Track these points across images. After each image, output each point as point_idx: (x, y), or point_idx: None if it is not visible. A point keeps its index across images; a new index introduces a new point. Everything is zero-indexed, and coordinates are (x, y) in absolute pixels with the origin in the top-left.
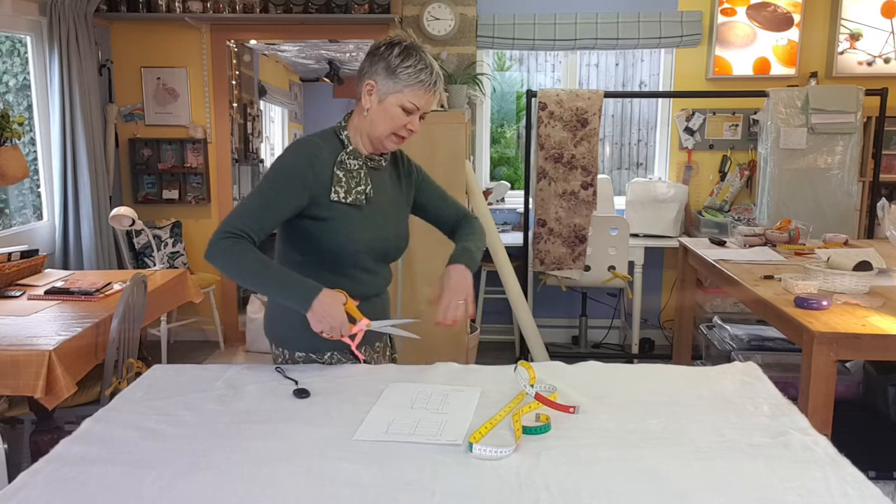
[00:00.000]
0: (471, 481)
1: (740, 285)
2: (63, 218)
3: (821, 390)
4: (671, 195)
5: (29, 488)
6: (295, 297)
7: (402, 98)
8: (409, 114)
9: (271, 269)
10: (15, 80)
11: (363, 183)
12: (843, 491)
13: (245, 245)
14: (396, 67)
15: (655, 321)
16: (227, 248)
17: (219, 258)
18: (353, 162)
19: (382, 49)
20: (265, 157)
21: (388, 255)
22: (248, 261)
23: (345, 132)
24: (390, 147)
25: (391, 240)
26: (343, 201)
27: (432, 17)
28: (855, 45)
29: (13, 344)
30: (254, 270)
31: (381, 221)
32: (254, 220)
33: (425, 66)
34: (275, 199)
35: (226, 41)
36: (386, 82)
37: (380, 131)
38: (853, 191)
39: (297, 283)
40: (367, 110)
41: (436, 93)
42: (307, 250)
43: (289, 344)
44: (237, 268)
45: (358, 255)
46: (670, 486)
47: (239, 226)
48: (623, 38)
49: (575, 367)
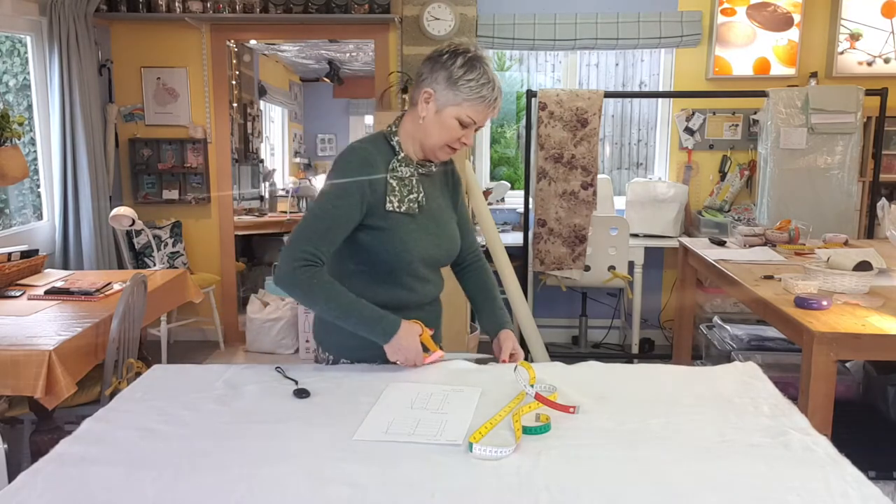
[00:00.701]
0: (471, 481)
1: (740, 285)
2: (63, 218)
3: (821, 390)
4: (671, 195)
5: (29, 488)
6: (375, 331)
7: (461, 111)
8: (465, 127)
9: (350, 302)
10: (15, 80)
11: (415, 191)
12: (843, 491)
13: (322, 276)
14: (458, 79)
15: (655, 321)
16: (305, 280)
17: (297, 289)
18: (404, 169)
19: (446, 57)
20: (265, 157)
21: (440, 262)
22: (327, 294)
23: (396, 138)
24: (441, 157)
25: (444, 246)
26: (397, 210)
27: (432, 17)
28: (855, 45)
29: (13, 344)
30: (334, 305)
31: (433, 228)
32: (323, 242)
33: (488, 80)
34: (339, 216)
35: (226, 41)
36: (446, 93)
37: (433, 141)
38: (853, 191)
39: (377, 319)
40: (422, 118)
41: (495, 109)
42: (361, 260)
43: (334, 349)
44: (315, 300)
45: (412, 263)
46: (670, 486)
47: (311, 251)
48: (623, 38)
49: (575, 367)
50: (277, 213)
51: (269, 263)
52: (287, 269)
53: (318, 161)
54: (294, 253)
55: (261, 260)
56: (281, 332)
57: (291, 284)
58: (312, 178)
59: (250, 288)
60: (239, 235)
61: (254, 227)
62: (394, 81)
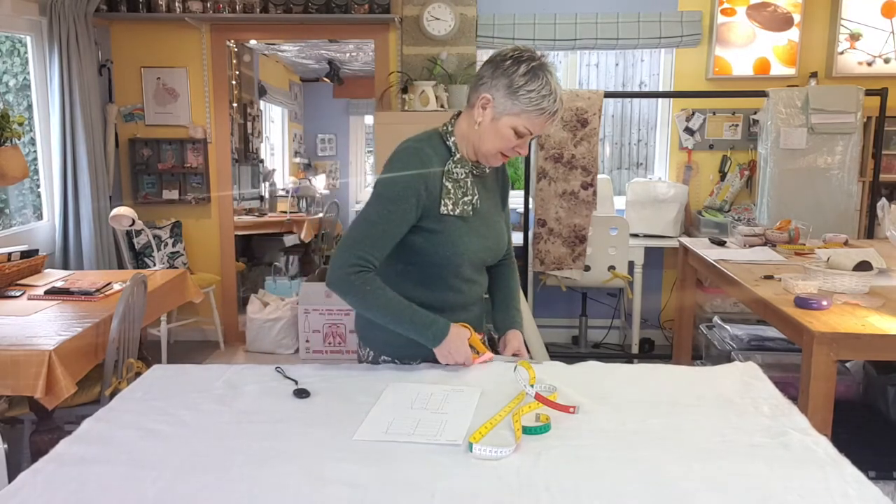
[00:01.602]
0: (471, 481)
1: (740, 285)
2: (63, 218)
3: (821, 390)
4: (671, 195)
5: (29, 488)
6: (426, 336)
7: (518, 121)
8: (521, 137)
9: (402, 308)
10: (15, 80)
11: (470, 193)
12: (843, 491)
13: (375, 282)
14: (519, 89)
15: (655, 321)
16: (358, 285)
17: (349, 294)
18: (460, 171)
19: (508, 63)
20: (265, 157)
21: (486, 263)
22: (379, 301)
23: (452, 138)
24: (493, 163)
25: (492, 248)
26: (451, 213)
27: (432, 17)
28: (855, 45)
29: (13, 344)
30: (385, 310)
31: (484, 230)
32: (376, 247)
33: (549, 91)
34: (394, 221)
35: (226, 41)
36: (504, 101)
37: (486, 148)
38: (853, 191)
39: (427, 323)
40: (477, 123)
41: (554, 120)
42: (410, 261)
43: (376, 346)
44: (367, 304)
45: (461, 266)
46: (670, 486)
47: (365, 256)
48: (623, 38)
49: (575, 367)
50: (277, 213)
51: (269, 263)
52: (341, 274)
53: (318, 161)
54: (348, 258)
55: (261, 260)
56: (281, 332)
57: (344, 289)
58: (312, 178)
59: (250, 288)
60: (239, 235)
61: (254, 227)
62: (394, 81)
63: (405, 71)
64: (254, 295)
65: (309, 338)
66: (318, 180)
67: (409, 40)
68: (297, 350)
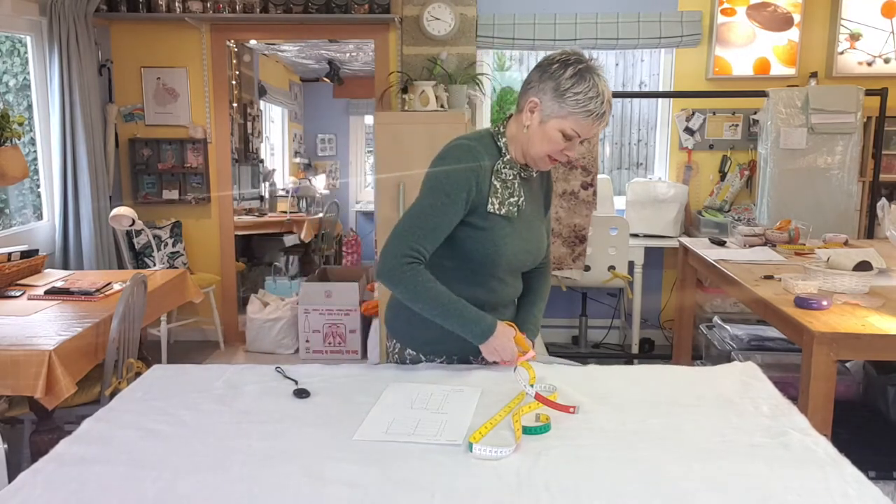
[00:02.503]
0: (471, 481)
1: (740, 285)
2: (63, 218)
3: (821, 390)
4: (671, 195)
5: (29, 488)
6: (473, 332)
7: (565, 124)
8: (569, 139)
9: (452, 302)
10: (15, 80)
11: (516, 194)
12: (843, 491)
13: (426, 275)
14: (566, 91)
15: (655, 321)
16: (409, 278)
17: (399, 284)
18: (508, 172)
19: (555, 67)
20: (265, 157)
21: (523, 267)
22: (429, 293)
23: (503, 139)
24: (541, 167)
25: (532, 252)
26: (497, 213)
27: (432, 17)
28: (855, 45)
29: (13, 344)
30: (435, 304)
31: (525, 234)
32: (428, 239)
33: (597, 93)
34: (446, 214)
35: (226, 41)
36: (551, 104)
37: (535, 151)
38: (853, 191)
39: (475, 319)
40: (526, 126)
41: (602, 123)
42: (449, 255)
43: (404, 339)
44: (417, 297)
45: (499, 267)
46: (670, 486)
47: (417, 248)
48: (623, 38)
49: (575, 367)
50: (277, 213)
51: (269, 263)
52: (392, 265)
53: (318, 161)
54: (400, 248)
55: (261, 260)
56: (281, 332)
57: (395, 280)
58: (312, 178)
59: (250, 288)
60: (239, 235)
61: (254, 227)
62: (394, 81)
63: (405, 71)
64: (254, 295)
65: (309, 338)
66: (318, 180)
67: (409, 40)
68: (297, 350)
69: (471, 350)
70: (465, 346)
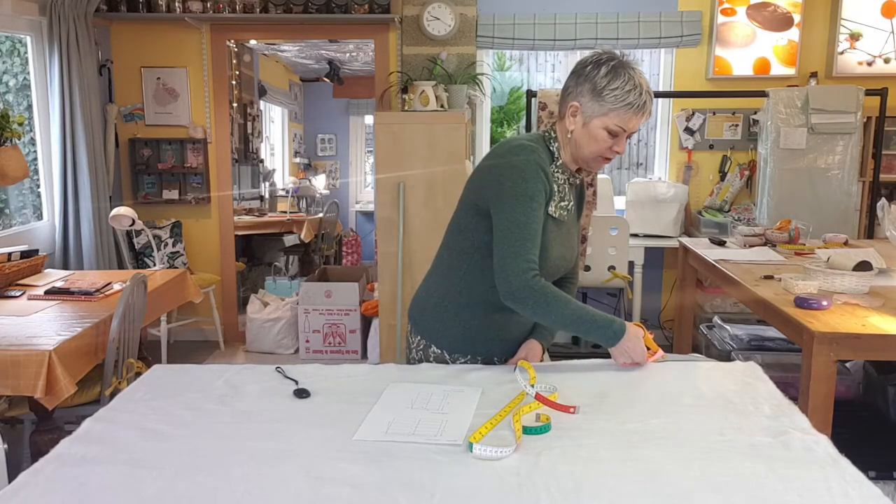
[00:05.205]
0: (471, 481)
1: (740, 285)
2: (63, 218)
3: (821, 390)
4: (671, 195)
5: (29, 488)
6: (605, 335)
7: (608, 121)
8: (615, 136)
9: (581, 308)
10: (15, 80)
11: (566, 198)
12: (844, 491)
13: (550, 286)
14: (603, 89)
15: (655, 321)
16: (540, 290)
17: (532, 301)
18: (560, 175)
19: (589, 68)
20: (265, 157)
21: (558, 273)
22: (559, 302)
23: (555, 143)
24: (595, 168)
25: (567, 259)
26: (553, 215)
27: (432, 17)
28: (855, 45)
29: (13, 344)
30: (567, 311)
31: (565, 238)
32: (535, 247)
33: (634, 86)
34: (537, 217)
35: (226, 41)
36: (591, 105)
37: (585, 153)
38: (853, 191)
39: (606, 324)
40: (570, 132)
41: (645, 113)
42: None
43: (431, 337)
44: (550, 310)
45: (543, 269)
46: (670, 486)
47: (531, 258)
48: (623, 38)
49: (575, 367)
50: (277, 213)
51: (269, 263)
52: (521, 283)
53: (318, 161)
54: (520, 265)
55: (261, 260)
56: (281, 332)
57: (528, 298)
58: (312, 178)
59: (250, 288)
60: (239, 235)
61: (254, 227)
62: (394, 81)
63: (405, 71)
64: (254, 295)
65: (309, 338)
66: (318, 180)
67: (409, 40)
68: (297, 350)
69: (496, 351)
70: (490, 346)
